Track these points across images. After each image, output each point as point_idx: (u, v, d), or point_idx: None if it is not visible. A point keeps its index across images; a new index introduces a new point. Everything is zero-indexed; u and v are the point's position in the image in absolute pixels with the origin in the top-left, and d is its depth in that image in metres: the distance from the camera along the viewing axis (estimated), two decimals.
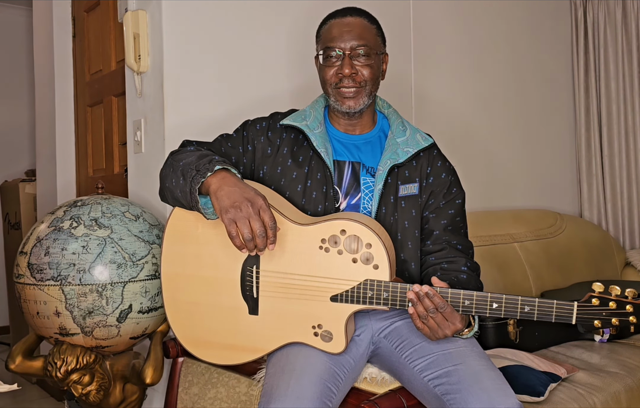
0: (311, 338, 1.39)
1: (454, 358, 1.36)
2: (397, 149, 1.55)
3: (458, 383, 1.31)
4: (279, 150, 1.58)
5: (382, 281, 1.34)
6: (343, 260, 1.36)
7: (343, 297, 1.36)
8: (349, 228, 1.36)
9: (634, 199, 3.31)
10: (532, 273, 2.67)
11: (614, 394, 1.90)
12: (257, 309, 1.42)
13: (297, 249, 1.39)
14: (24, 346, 1.78)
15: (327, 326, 1.37)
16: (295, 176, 1.54)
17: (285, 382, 1.30)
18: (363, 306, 1.36)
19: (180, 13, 2.06)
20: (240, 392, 1.70)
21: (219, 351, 1.48)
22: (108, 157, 2.60)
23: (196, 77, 2.09)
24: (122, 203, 1.81)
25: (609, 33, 3.34)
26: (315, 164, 1.55)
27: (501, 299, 1.30)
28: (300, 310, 1.39)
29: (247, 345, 1.44)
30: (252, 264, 1.42)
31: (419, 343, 1.43)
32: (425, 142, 1.58)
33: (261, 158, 1.58)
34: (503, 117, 3.12)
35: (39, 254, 1.67)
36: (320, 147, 1.54)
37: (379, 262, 1.34)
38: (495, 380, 1.31)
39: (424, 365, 1.39)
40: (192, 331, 1.49)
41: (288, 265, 1.39)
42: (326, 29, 1.56)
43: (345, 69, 1.51)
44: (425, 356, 1.40)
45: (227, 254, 1.43)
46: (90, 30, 2.72)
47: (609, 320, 1.27)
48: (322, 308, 1.37)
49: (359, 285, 1.35)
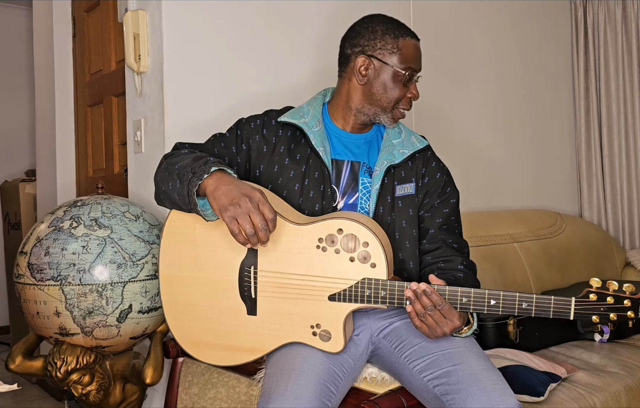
0: (310, 337, 1.39)
1: (453, 358, 1.36)
2: (393, 150, 1.57)
3: (457, 383, 1.31)
4: (275, 148, 1.57)
5: (380, 280, 1.34)
6: (340, 259, 1.36)
7: (341, 296, 1.36)
8: (346, 227, 1.36)
9: (634, 199, 3.31)
10: (532, 273, 2.67)
11: (614, 394, 1.90)
12: (256, 309, 1.42)
13: (294, 249, 1.39)
14: (24, 346, 1.78)
15: (325, 326, 1.37)
16: (292, 175, 1.54)
17: (284, 382, 1.31)
18: (361, 305, 1.36)
19: (180, 13, 2.06)
20: (240, 392, 1.70)
21: (218, 352, 1.48)
22: (108, 157, 2.60)
23: (196, 77, 2.09)
24: (122, 203, 1.81)
25: (609, 33, 3.34)
26: (313, 163, 1.54)
27: (499, 296, 1.31)
28: (299, 309, 1.39)
29: (246, 345, 1.44)
30: (250, 264, 1.42)
31: (419, 343, 1.43)
32: (420, 144, 1.60)
33: (257, 157, 1.58)
34: (503, 117, 3.12)
35: (39, 254, 1.67)
36: (319, 146, 1.53)
37: (376, 260, 1.35)
38: (494, 380, 1.31)
39: (423, 365, 1.39)
40: (191, 333, 1.49)
41: (286, 265, 1.39)
42: (407, 46, 1.53)
43: (417, 93, 1.56)
44: (425, 356, 1.40)
45: (224, 255, 1.44)
46: (90, 31, 2.72)
47: (607, 315, 1.27)
48: (320, 308, 1.37)
49: (356, 283, 1.35)
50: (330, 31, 2.41)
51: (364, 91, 1.55)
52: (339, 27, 1.66)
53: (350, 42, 1.57)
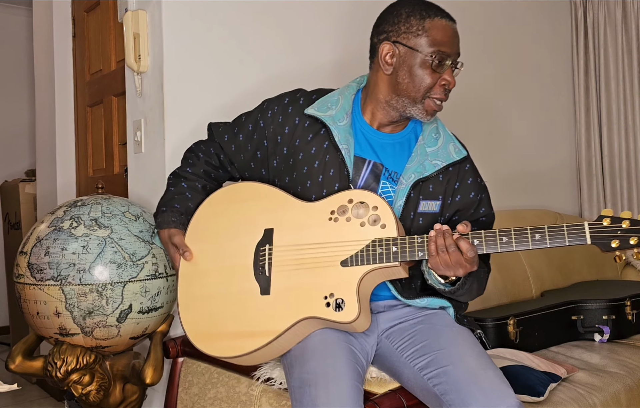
0: (323, 310, 1.36)
1: (453, 356, 1.35)
2: (425, 160, 1.47)
3: (456, 382, 1.30)
4: (290, 140, 1.53)
5: (390, 237, 1.34)
6: (351, 226, 1.39)
7: (353, 260, 1.36)
8: (356, 195, 1.41)
9: (634, 199, 3.31)
10: (532, 273, 2.67)
11: (613, 394, 1.90)
12: (269, 288, 1.42)
13: (307, 224, 1.43)
14: (24, 346, 1.78)
15: (338, 294, 1.36)
16: (305, 171, 1.49)
17: (323, 391, 1.26)
18: (373, 266, 1.35)
19: (180, 13, 2.06)
20: (240, 392, 1.70)
21: (231, 341, 1.43)
22: (108, 157, 2.60)
23: (196, 77, 2.09)
24: (122, 203, 1.81)
25: (609, 33, 3.34)
26: (330, 159, 1.47)
27: (510, 232, 1.30)
28: (312, 281, 1.38)
29: (259, 328, 1.40)
30: (265, 243, 1.43)
31: (421, 343, 1.42)
32: (458, 155, 1.50)
33: (272, 147, 1.56)
34: (503, 117, 3.12)
35: (39, 254, 1.67)
36: (342, 143, 1.46)
37: (386, 221, 1.36)
38: (493, 380, 1.29)
39: (423, 364, 1.38)
40: (204, 326, 1.47)
41: (300, 238, 1.42)
42: (436, 27, 1.40)
43: (452, 80, 1.42)
44: (425, 354, 1.39)
45: (242, 241, 1.47)
46: (90, 31, 2.72)
47: (627, 239, 1.22)
48: (333, 276, 1.37)
49: (367, 245, 1.35)
50: (332, 30, 2.41)
51: (390, 82, 1.45)
52: (340, 26, 1.66)
53: (376, 30, 1.48)
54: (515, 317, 2.16)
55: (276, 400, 1.58)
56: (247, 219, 1.49)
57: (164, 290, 1.75)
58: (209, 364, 1.82)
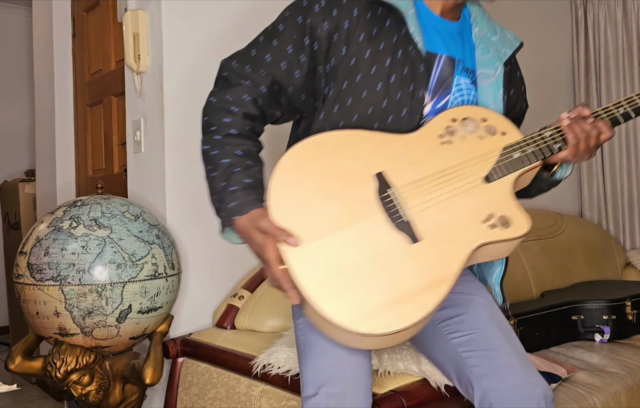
0: (490, 233, 1.21)
1: (495, 340, 1.26)
2: (497, 48, 1.38)
3: (498, 369, 1.23)
4: (351, 36, 1.26)
5: (518, 141, 1.28)
6: (471, 142, 1.27)
7: (496, 172, 1.25)
8: (456, 113, 1.29)
9: (635, 199, 3.30)
10: (532, 273, 2.67)
11: (614, 394, 1.90)
12: (419, 234, 1.19)
13: (419, 155, 1.24)
14: (23, 346, 1.78)
15: (499, 212, 1.23)
16: (374, 72, 1.26)
17: None
18: (521, 171, 1.27)
19: (180, 13, 2.06)
20: (240, 392, 1.69)
21: (397, 309, 1.13)
22: (108, 157, 2.60)
23: (196, 77, 2.09)
24: (121, 203, 1.80)
25: (609, 33, 3.34)
26: (402, 56, 1.26)
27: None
28: (462, 210, 1.21)
29: (425, 282, 1.15)
30: (385, 190, 1.21)
31: (459, 315, 1.30)
32: (517, 42, 1.43)
33: (327, 50, 1.27)
34: None
35: (38, 254, 1.67)
36: (416, 35, 1.26)
37: (505, 129, 1.29)
38: (527, 367, 1.24)
39: (462, 340, 1.28)
40: (358, 304, 1.14)
41: (420, 171, 1.23)
42: None
43: None
44: (465, 331, 1.28)
45: (352, 197, 1.20)
46: (89, 30, 2.72)
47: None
48: (482, 196, 1.23)
49: (501, 154, 1.26)
50: None
51: None
52: None
53: None
54: (515, 317, 2.16)
55: (276, 401, 1.58)
56: (345, 172, 1.21)
57: (164, 290, 1.75)
58: (209, 364, 1.82)
